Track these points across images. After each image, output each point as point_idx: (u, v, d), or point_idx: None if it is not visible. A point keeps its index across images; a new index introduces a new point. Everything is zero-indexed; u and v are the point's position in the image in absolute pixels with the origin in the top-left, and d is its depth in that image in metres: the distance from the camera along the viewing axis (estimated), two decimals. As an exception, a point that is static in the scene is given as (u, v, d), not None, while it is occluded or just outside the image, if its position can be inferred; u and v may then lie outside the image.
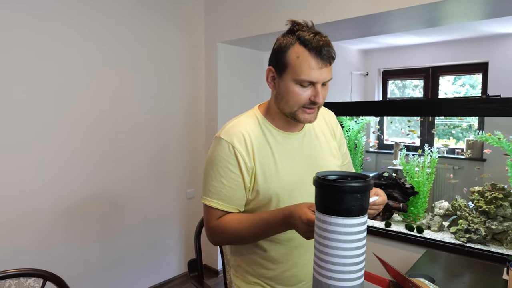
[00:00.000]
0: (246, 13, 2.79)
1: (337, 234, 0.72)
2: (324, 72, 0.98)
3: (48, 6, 2.22)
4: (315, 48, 0.96)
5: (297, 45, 0.98)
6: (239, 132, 1.05)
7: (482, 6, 2.06)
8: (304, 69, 0.97)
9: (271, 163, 1.06)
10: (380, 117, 4.98)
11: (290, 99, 1.01)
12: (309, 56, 0.96)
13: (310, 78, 0.97)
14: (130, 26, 2.63)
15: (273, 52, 1.05)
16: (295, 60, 0.98)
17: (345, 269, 0.72)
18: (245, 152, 1.04)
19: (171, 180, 3.00)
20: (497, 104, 1.87)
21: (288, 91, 1.00)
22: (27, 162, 2.20)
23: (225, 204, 1.05)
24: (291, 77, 0.99)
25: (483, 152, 4.08)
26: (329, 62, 0.99)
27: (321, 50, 0.96)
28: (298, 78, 0.97)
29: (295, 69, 0.98)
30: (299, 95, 1.00)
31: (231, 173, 1.04)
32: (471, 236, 1.91)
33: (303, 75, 0.97)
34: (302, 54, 0.97)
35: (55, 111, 2.30)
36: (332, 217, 0.72)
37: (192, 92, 3.10)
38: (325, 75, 0.99)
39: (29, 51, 2.17)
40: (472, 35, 4.31)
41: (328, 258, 0.72)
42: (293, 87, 0.99)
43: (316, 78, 0.97)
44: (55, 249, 2.34)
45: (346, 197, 0.72)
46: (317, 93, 0.99)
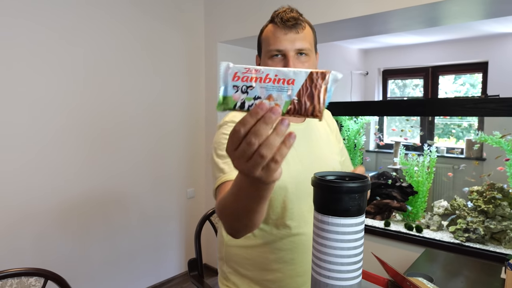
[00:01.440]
0: (246, 13, 2.79)
1: (335, 234, 0.73)
2: (292, 40, 0.98)
3: (49, 8, 2.23)
4: (280, 18, 0.99)
5: (269, 25, 1.04)
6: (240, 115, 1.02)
7: (482, 6, 2.07)
8: (270, 40, 1.00)
9: None
10: (380, 117, 4.98)
11: None
12: (274, 27, 1.00)
13: (276, 46, 0.99)
14: (130, 27, 2.64)
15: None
16: (265, 37, 1.03)
17: (343, 268, 0.73)
18: None
19: (171, 179, 3.01)
20: (496, 104, 1.88)
21: (265, 65, 1.01)
22: (27, 161, 2.21)
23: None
24: (264, 54, 1.03)
25: (482, 151, 4.08)
26: (296, 31, 0.99)
27: (284, 18, 0.98)
28: (267, 50, 1.01)
29: (265, 43, 1.02)
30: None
31: None
32: (470, 235, 1.92)
33: (270, 45, 1.00)
34: (270, 29, 1.02)
35: (55, 110, 2.31)
36: (330, 217, 0.73)
37: (193, 92, 3.11)
38: (295, 42, 0.98)
39: (30, 53, 2.18)
40: (472, 34, 4.31)
41: (326, 257, 0.73)
42: (266, 62, 1.02)
43: (283, 46, 0.98)
44: (56, 248, 2.35)
45: (344, 197, 0.73)
46: (287, 62, 0.98)
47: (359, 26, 2.56)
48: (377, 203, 2.32)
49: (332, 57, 4.73)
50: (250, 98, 0.55)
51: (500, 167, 2.01)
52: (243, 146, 0.50)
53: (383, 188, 2.36)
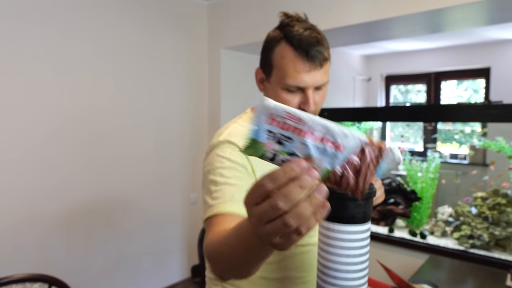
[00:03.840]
0: (249, 19, 2.81)
1: (340, 241, 0.72)
2: (314, 76, 0.84)
3: (52, 12, 2.25)
4: (303, 47, 0.82)
5: (283, 43, 0.84)
6: (241, 132, 0.89)
7: (485, 13, 2.07)
8: (289, 72, 0.83)
9: None
10: (383, 123, 4.98)
11: None
12: (295, 57, 0.82)
13: (297, 83, 0.83)
14: (134, 32, 2.66)
15: (261, 52, 0.91)
16: (280, 61, 0.84)
17: (349, 276, 0.72)
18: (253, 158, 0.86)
19: (174, 185, 3.01)
20: (499, 110, 1.87)
21: (277, 97, 0.86)
22: (30, 165, 2.22)
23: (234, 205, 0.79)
24: (277, 81, 0.86)
25: (485, 157, 4.07)
26: (320, 64, 0.84)
27: (309, 50, 0.82)
28: (284, 82, 0.84)
29: (280, 71, 0.84)
30: (287, 102, 0.85)
31: (237, 173, 0.84)
32: (475, 242, 1.91)
33: (289, 79, 0.83)
34: (288, 55, 0.82)
35: (59, 114, 2.32)
36: (335, 224, 0.73)
37: (196, 98, 3.12)
38: (317, 78, 0.84)
39: (32, 56, 2.19)
40: (474, 40, 4.32)
41: (331, 265, 0.73)
42: (279, 92, 0.86)
43: (305, 83, 0.83)
44: (59, 253, 2.35)
45: (349, 204, 0.72)
46: (306, 99, 0.85)
47: (362, 32, 2.57)
48: (381, 209, 2.32)
49: (335, 62, 4.74)
50: (284, 152, 0.46)
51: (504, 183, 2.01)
52: (266, 207, 0.41)
53: (387, 194, 2.36)
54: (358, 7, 2.25)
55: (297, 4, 2.50)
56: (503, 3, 1.87)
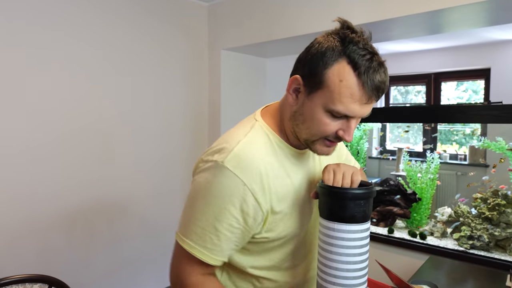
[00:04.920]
0: (249, 20, 2.81)
1: (340, 240, 0.73)
2: (367, 108, 0.75)
3: (57, 15, 2.26)
4: (368, 75, 0.71)
5: (344, 63, 0.72)
6: (254, 161, 0.77)
7: (484, 14, 2.08)
8: (343, 99, 0.72)
9: (290, 196, 0.83)
10: (382, 124, 4.99)
11: (313, 126, 0.77)
12: (356, 84, 0.71)
13: (348, 112, 0.73)
14: (134, 33, 2.66)
15: (307, 58, 0.77)
16: (336, 83, 0.72)
17: (349, 274, 0.73)
18: (261, 192, 0.77)
19: (175, 186, 3.01)
20: (499, 110, 1.88)
21: (314, 117, 0.76)
22: (30, 167, 2.22)
23: (213, 256, 0.78)
24: (322, 102, 0.74)
25: (486, 157, 4.07)
26: (378, 97, 0.75)
27: (375, 80, 0.71)
28: (333, 107, 0.73)
29: (332, 94, 0.72)
30: (327, 126, 0.76)
31: (232, 219, 0.76)
32: (474, 242, 1.91)
33: (341, 105, 0.72)
34: (348, 80, 0.71)
35: (58, 116, 2.32)
36: (335, 223, 0.73)
37: (196, 99, 3.12)
38: (368, 110, 0.75)
39: (33, 57, 2.20)
40: (474, 41, 4.33)
41: (331, 263, 0.74)
42: (321, 114, 0.75)
43: (355, 113, 0.74)
44: (59, 255, 2.35)
45: (350, 203, 0.73)
46: (348, 129, 0.76)
47: (361, 33, 2.57)
48: (381, 210, 2.32)
49: (334, 63, 4.74)
50: None
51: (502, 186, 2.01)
52: None
53: (386, 194, 2.36)
54: (358, 8, 2.26)
55: (297, 5, 2.51)
56: (503, 4, 1.87)
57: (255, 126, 0.85)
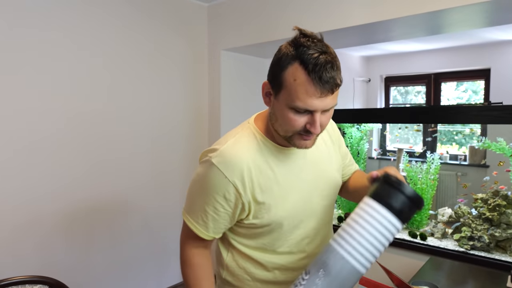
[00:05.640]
0: (249, 20, 2.81)
1: (378, 224, 0.78)
2: (324, 101, 0.83)
3: (56, 16, 2.25)
4: (317, 72, 0.80)
5: (296, 64, 0.82)
6: (236, 158, 0.92)
7: (484, 14, 2.08)
8: (300, 95, 0.82)
9: (274, 189, 0.95)
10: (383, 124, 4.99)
11: (283, 123, 0.88)
12: (307, 81, 0.80)
13: (307, 106, 0.83)
14: (134, 34, 2.66)
15: (271, 65, 0.89)
16: (291, 82, 0.82)
17: (364, 252, 0.78)
18: (241, 184, 0.92)
19: (175, 186, 3.01)
20: (499, 111, 1.88)
21: (283, 115, 0.87)
22: (30, 167, 2.22)
23: (203, 230, 0.99)
24: (285, 101, 0.84)
25: (486, 158, 4.07)
26: (332, 90, 0.83)
27: (323, 76, 0.80)
28: (293, 104, 0.83)
29: (290, 93, 0.83)
30: (294, 121, 0.86)
31: (217, 204, 0.94)
32: (475, 243, 1.91)
33: (299, 102, 0.82)
34: (300, 78, 0.81)
35: (58, 116, 2.32)
36: (384, 209, 0.78)
37: (196, 100, 3.12)
38: (326, 103, 0.84)
39: (35, 59, 2.20)
40: (474, 41, 4.33)
41: (356, 236, 0.78)
42: (287, 112, 0.85)
43: (314, 107, 0.83)
44: (59, 255, 2.35)
45: (406, 200, 0.79)
46: (314, 121, 0.85)
47: (361, 34, 2.57)
48: (381, 211, 2.32)
49: (334, 64, 4.74)
50: None
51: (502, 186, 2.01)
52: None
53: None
54: (358, 9, 2.26)
55: (297, 6, 2.51)
56: (503, 4, 1.87)
57: (244, 128, 1.00)
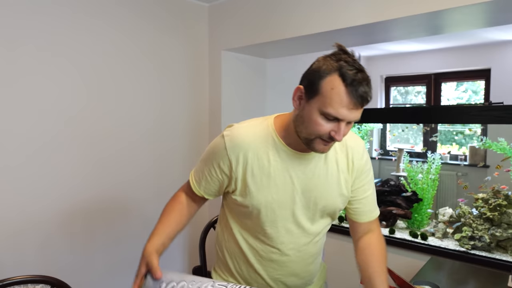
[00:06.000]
0: (250, 21, 2.81)
1: None
2: (354, 113, 0.93)
3: (56, 17, 2.26)
4: (353, 86, 0.90)
5: (335, 75, 0.91)
6: (241, 139, 1.08)
7: (485, 15, 2.08)
8: (334, 103, 0.91)
9: (263, 178, 1.06)
10: (384, 124, 4.99)
11: (310, 126, 0.96)
12: (344, 92, 0.90)
13: (337, 115, 0.92)
14: (134, 35, 2.66)
15: (308, 72, 0.98)
16: (328, 90, 0.92)
17: None
18: (235, 161, 1.08)
19: (175, 186, 2.99)
20: (499, 111, 1.88)
21: (311, 119, 0.95)
22: (31, 168, 2.22)
23: (196, 185, 1.22)
24: (318, 106, 0.94)
25: (486, 158, 4.07)
26: (362, 105, 0.93)
27: (358, 90, 0.90)
28: (325, 110, 0.92)
29: (325, 99, 0.92)
30: (321, 126, 0.95)
31: (212, 169, 1.14)
32: (476, 243, 1.91)
33: (331, 109, 0.91)
34: (338, 87, 0.90)
35: (57, 115, 2.32)
36: None
37: (196, 100, 3.12)
38: (354, 115, 0.94)
39: (36, 58, 2.20)
40: (474, 42, 4.33)
41: None
42: (316, 116, 0.94)
43: (343, 116, 0.92)
44: (60, 255, 2.35)
45: None
46: (338, 130, 0.94)
47: (362, 34, 2.57)
48: (381, 211, 2.32)
49: (334, 64, 4.74)
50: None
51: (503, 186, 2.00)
52: None
53: (387, 195, 2.36)
54: (358, 9, 2.26)
55: (298, 6, 2.51)
56: (503, 4, 1.87)
57: (263, 120, 1.13)
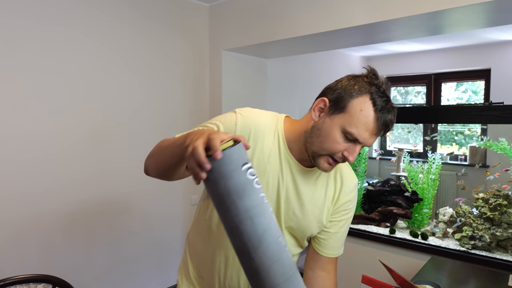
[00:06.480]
0: (250, 21, 2.82)
1: None
2: (373, 138, 0.94)
3: (56, 16, 2.26)
4: (382, 113, 0.91)
5: (366, 98, 0.91)
6: (252, 121, 0.99)
7: (485, 15, 2.08)
8: (359, 125, 0.90)
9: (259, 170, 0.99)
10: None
11: (326, 141, 0.93)
12: (372, 116, 0.90)
13: (359, 136, 0.91)
14: (135, 34, 2.67)
15: (337, 88, 0.96)
16: (357, 111, 0.91)
17: None
18: None
19: (175, 186, 3.01)
20: (500, 111, 1.88)
21: (329, 134, 0.93)
22: (33, 167, 2.22)
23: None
24: (341, 123, 0.92)
25: (486, 158, 4.08)
26: (383, 132, 0.94)
27: (386, 118, 0.92)
28: (348, 129, 0.91)
29: (352, 119, 0.91)
30: (337, 144, 0.92)
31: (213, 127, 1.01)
32: (476, 243, 1.91)
33: (355, 129, 0.90)
34: (367, 111, 0.90)
35: (59, 116, 2.32)
36: None
37: (197, 100, 3.12)
38: (372, 140, 0.94)
39: (37, 57, 2.20)
40: (474, 42, 4.34)
41: None
42: (336, 133, 0.92)
43: (364, 139, 0.92)
44: (61, 254, 2.36)
45: None
46: (353, 151, 0.93)
47: (362, 34, 2.58)
48: (382, 210, 2.32)
49: (335, 64, 4.76)
50: None
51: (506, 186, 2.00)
52: (188, 145, 0.74)
53: (387, 195, 2.36)
54: (358, 9, 2.26)
55: (299, 6, 2.52)
56: (503, 4, 1.88)
57: (274, 117, 1.05)
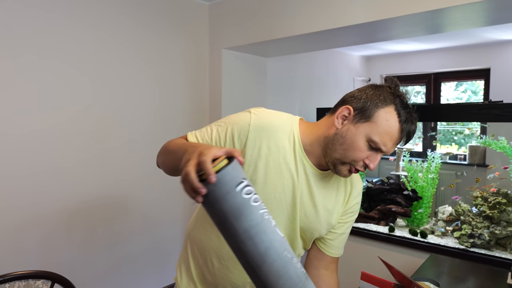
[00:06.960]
0: (250, 19, 2.82)
1: None
2: (393, 148, 0.98)
3: (56, 16, 2.26)
4: (407, 125, 0.95)
5: (391, 109, 0.94)
6: (267, 123, 0.98)
7: (484, 13, 2.08)
8: (384, 135, 0.93)
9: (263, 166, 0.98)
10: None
11: (350, 149, 0.95)
12: (397, 127, 0.94)
13: (382, 145, 0.94)
14: (135, 33, 2.66)
15: (362, 97, 0.97)
16: (383, 121, 0.93)
17: None
18: (253, 139, 0.97)
19: (176, 185, 3.01)
20: (500, 109, 1.88)
21: (354, 142, 0.94)
22: (33, 165, 2.22)
23: (196, 133, 1.04)
24: (366, 132, 0.94)
25: (485, 158, 4.08)
26: (404, 142, 0.99)
27: (410, 129, 0.96)
28: (373, 138, 0.93)
29: (377, 128, 0.93)
30: (361, 152, 0.94)
31: (224, 128, 1.00)
32: (475, 241, 1.91)
33: (380, 138, 0.93)
34: (392, 121, 0.93)
35: (59, 114, 2.32)
36: None
37: (197, 98, 3.12)
38: (392, 150, 0.98)
39: (35, 61, 2.20)
40: (474, 41, 4.34)
41: None
42: (361, 141, 0.94)
43: (387, 148, 0.95)
44: (61, 251, 2.36)
45: None
46: (374, 160, 0.96)
47: (361, 33, 2.58)
48: (381, 209, 2.32)
49: (334, 63, 4.76)
50: None
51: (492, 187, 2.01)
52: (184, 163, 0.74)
53: (387, 193, 2.36)
54: (357, 7, 2.26)
55: (298, 5, 2.52)
56: (503, 3, 1.88)
57: (289, 119, 1.03)
